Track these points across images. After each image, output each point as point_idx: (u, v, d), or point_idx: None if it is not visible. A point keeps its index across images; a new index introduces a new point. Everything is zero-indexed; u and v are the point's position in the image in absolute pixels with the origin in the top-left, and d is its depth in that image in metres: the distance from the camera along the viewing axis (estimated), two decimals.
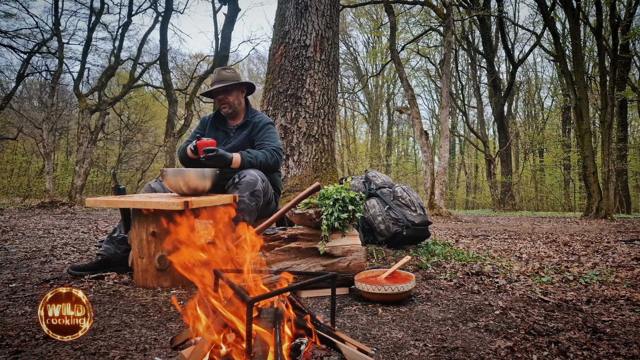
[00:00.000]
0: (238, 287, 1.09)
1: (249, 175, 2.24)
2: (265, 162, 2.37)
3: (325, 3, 3.75)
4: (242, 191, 2.20)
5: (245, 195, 2.19)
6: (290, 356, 1.03)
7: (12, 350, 1.29)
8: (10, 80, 13.74)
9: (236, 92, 2.56)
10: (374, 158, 22.60)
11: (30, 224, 4.94)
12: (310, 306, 1.80)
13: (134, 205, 1.95)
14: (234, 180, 2.25)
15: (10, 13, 11.50)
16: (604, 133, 9.93)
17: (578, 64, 9.40)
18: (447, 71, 10.02)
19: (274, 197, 2.54)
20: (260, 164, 2.36)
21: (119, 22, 12.79)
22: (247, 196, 2.19)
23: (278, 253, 1.95)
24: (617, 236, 4.88)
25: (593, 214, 8.73)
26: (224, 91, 2.53)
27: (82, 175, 10.02)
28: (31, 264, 2.58)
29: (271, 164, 2.40)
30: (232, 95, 2.54)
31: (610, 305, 1.87)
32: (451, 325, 1.58)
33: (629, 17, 11.49)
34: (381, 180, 3.33)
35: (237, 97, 2.57)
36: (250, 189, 2.21)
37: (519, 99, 21.28)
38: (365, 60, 22.61)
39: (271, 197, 2.48)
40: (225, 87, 2.51)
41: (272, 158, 2.41)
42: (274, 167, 2.45)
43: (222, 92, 2.53)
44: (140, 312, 1.68)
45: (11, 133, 14.78)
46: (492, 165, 16.12)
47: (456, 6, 14.31)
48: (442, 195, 9.13)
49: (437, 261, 2.76)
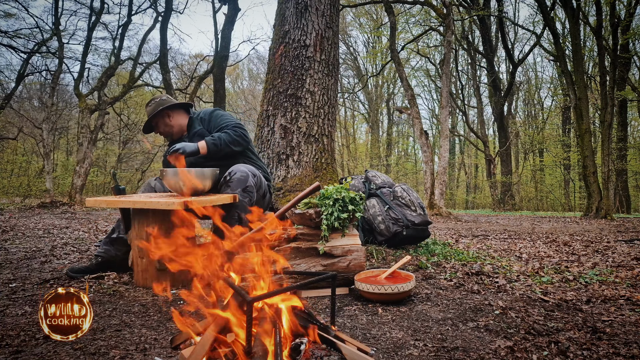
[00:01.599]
0: (238, 287, 1.09)
1: (239, 172, 2.25)
2: (229, 139, 2.34)
3: (325, 3, 3.75)
4: (234, 188, 2.22)
5: (237, 192, 2.21)
6: (290, 356, 1.03)
7: (12, 350, 1.29)
8: (10, 80, 13.75)
9: (161, 121, 2.52)
10: (374, 158, 22.60)
11: (30, 224, 4.94)
12: (310, 306, 1.80)
13: (134, 205, 1.95)
14: (225, 178, 2.26)
15: (10, 13, 11.50)
16: (603, 133, 9.93)
17: (578, 64, 9.40)
18: (447, 71, 10.02)
19: (267, 189, 2.54)
20: (226, 143, 2.33)
21: (118, 21, 12.80)
22: (239, 193, 2.21)
23: (277, 253, 1.95)
24: (617, 236, 4.88)
25: (593, 214, 8.73)
26: (150, 128, 2.56)
27: (82, 175, 10.02)
28: (31, 263, 2.58)
29: (237, 139, 2.36)
30: (159, 126, 2.54)
31: (610, 305, 1.87)
32: (451, 325, 1.58)
33: (629, 17, 11.49)
34: (381, 180, 3.33)
35: (165, 124, 2.52)
36: (242, 186, 2.22)
37: (519, 99, 21.29)
38: (365, 60, 22.61)
39: (265, 189, 2.47)
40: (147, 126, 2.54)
41: (235, 133, 2.37)
42: (242, 142, 2.40)
43: (150, 130, 2.58)
44: (140, 312, 1.68)
45: (11, 133, 14.78)
46: (492, 165, 16.12)
47: (456, 6, 14.30)
48: (442, 195, 9.13)
49: (437, 261, 2.76)
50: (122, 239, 2.30)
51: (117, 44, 12.19)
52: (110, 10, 12.73)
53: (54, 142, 16.86)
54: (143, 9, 13.05)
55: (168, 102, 2.51)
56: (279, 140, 3.50)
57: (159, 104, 2.49)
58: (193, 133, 2.51)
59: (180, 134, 2.57)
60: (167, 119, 2.52)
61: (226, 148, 2.34)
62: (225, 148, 2.34)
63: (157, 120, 2.51)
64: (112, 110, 14.69)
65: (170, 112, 2.52)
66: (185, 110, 2.60)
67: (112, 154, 20.42)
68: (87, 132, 10.43)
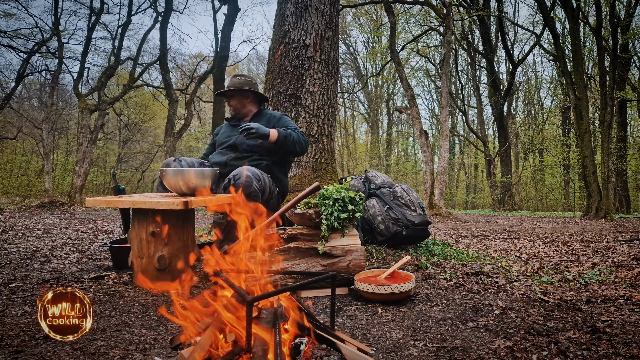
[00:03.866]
0: (238, 287, 1.09)
1: (243, 177, 2.22)
2: (297, 139, 2.46)
3: (325, 3, 3.75)
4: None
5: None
6: (290, 356, 1.03)
7: (12, 350, 1.29)
8: (10, 80, 13.74)
9: (239, 97, 2.68)
10: (373, 158, 22.60)
11: (29, 224, 4.93)
12: (310, 306, 1.80)
13: (133, 205, 1.95)
14: (230, 180, 2.23)
15: (9, 13, 11.50)
16: (603, 133, 9.93)
17: (578, 64, 9.41)
18: (447, 71, 10.02)
19: (276, 195, 2.55)
20: (293, 141, 2.44)
21: (118, 21, 12.80)
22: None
23: (277, 253, 1.95)
24: (617, 236, 4.88)
25: (593, 214, 8.73)
26: (229, 95, 2.70)
27: (82, 175, 10.01)
28: (31, 263, 2.58)
29: (302, 143, 2.49)
30: (234, 99, 2.68)
31: (609, 305, 1.87)
32: (451, 325, 1.58)
33: (629, 17, 11.49)
34: (381, 180, 3.33)
35: (239, 101, 2.68)
36: (246, 191, 2.20)
37: (519, 99, 21.29)
38: (365, 60, 22.61)
39: (271, 194, 2.47)
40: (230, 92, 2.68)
41: (303, 138, 2.50)
42: (305, 147, 2.52)
43: (227, 96, 2.72)
44: (140, 312, 1.68)
45: (11, 133, 14.78)
46: (491, 165, 16.12)
47: (456, 6, 14.30)
48: (441, 195, 9.13)
49: (436, 261, 2.76)
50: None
51: (117, 44, 12.19)
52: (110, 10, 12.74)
53: (54, 142, 16.86)
54: (143, 9, 13.06)
55: (255, 87, 2.69)
56: None
57: (249, 83, 2.67)
58: (254, 116, 2.69)
59: (243, 117, 2.71)
60: (245, 99, 2.68)
61: (291, 146, 2.45)
62: (291, 146, 2.45)
63: (238, 95, 2.65)
64: (112, 110, 14.69)
65: (252, 95, 2.69)
66: (260, 102, 2.78)
67: (111, 153, 20.42)
68: (86, 132, 10.43)
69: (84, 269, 2.41)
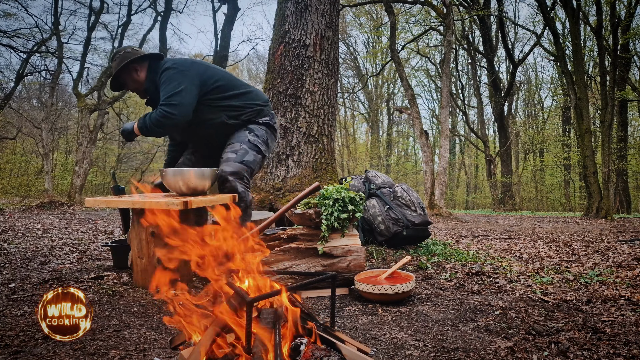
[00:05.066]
0: (237, 287, 1.08)
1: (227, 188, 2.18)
2: (151, 122, 2.10)
3: (325, 2, 3.75)
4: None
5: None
6: (289, 356, 1.03)
7: (12, 351, 1.29)
8: (9, 80, 13.74)
9: (128, 76, 2.24)
10: (374, 158, 22.60)
11: (29, 224, 4.93)
12: (310, 306, 1.79)
13: (133, 205, 1.95)
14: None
15: (9, 13, 11.50)
16: (604, 133, 9.93)
17: (578, 64, 9.40)
18: (447, 71, 10.01)
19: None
20: (151, 126, 2.11)
21: (118, 21, 12.80)
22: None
23: (278, 253, 1.95)
24: (617, 236, 4.88)
25: (593, 214, 8.73)
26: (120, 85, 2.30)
27: (82, 175, 10.01)
28: (30, 264, 2.57)
29: (160, 120, 2.08)
30: (127, 83, 2.27)
31: (610, 306, 1.87)
32: (451, 326, 1.57)
33: (629, 17, 11.49)
34: (381, 180, 3.33)
35: (133, 80, 2.25)
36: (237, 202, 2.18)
37: (519, 99, 21.28)
38: (365, 60, 22.60)
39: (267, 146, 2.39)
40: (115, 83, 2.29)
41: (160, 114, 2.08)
42: (166, 123, 2.09)
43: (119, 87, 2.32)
44: (140, 312, 1.68)
45: (10, 133, 14.78)
46: (492, 165, 16.12)
47: (456, 6, 14.30)
48: (442, 195, 9.12)
49: (437, 261, 2.76)
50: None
51: (117, 44, 12.19)
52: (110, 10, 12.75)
53: (53, 142, 16.86)
54: (143, 9, 13.06)
55: (134, 54, 2.20)
56: (278, 140, 3.50)
57: (124, 57, 2.19)
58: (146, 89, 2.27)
59: (143, 93, 2.32)
60: (134, 74, 2.24)
61: (154, 130, 2.12)
62: (153, 130, 2.12)
63: (124, 77, 2.25)
64: (112, 110, 14.68)
65: (137, 65, 2.23)
66: (149, 60, 2.28)
67: (111, 153, 20.42)
68: (86, 132, 10.43)
69: (83, 269, 2.41)
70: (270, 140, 2.41)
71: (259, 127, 2.34)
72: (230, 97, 2.27)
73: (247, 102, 2.32)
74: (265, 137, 2.36)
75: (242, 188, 2.20)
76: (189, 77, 2.14)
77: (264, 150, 2.35)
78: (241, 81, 2.43)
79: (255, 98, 2.36)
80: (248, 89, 2.38)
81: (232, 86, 2.30)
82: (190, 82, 2.13)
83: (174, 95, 2.09)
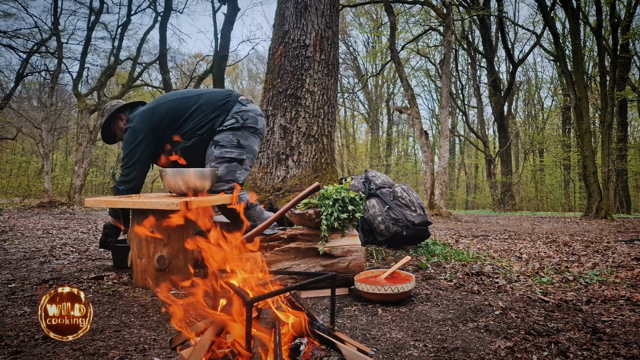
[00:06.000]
0: (237, 287, 1.08)
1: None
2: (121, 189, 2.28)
3: (325, 2, 3.75)
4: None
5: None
6: (289, 356, 1.03)
7: (12, 351, 1.29)
8: (9, 80, 13.75)
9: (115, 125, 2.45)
10: (373, 158, 22.61)
11: (29, 224, 4.93)
12: (310, 306, 1.79)
13: (133, 205, 1.95)
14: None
15: (9, 13, 11.50)
16: (604, 133, 9.93)
17: (578, 64, 9.40)
18: (447, 71, 10.01)
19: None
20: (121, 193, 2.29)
21: (118, 21, 12.81)
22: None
23: (277, 253, 1.95)
24: (617, 236, 4.88)
25: (593, 214, 8.73)
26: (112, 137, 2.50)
27: (81, 175, 10.01)
28: (30, 264, 2.57)
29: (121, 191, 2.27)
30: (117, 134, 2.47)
31: (610, 306, 1.87)
32: (451, 326, 1.57)
33: (629, 17, 11.49)
34: (381, 180, 3.33)
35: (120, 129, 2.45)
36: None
37: (519, 99, 21.29)
38: (365, 60, 22.61)
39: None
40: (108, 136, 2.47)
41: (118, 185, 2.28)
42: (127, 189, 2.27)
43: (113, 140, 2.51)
44: (140, 313, 1.68)
45: (10, 133, 14.77)
46: (492, 165, 16.12)
47: (456, 6, 14.30)
48: (442, 195, 9.12)
49: (437, 261, 2.76)
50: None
51: (117, 44, 12.19)
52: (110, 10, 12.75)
53: (53, 142, 16.86)
54: (142, 9, 13.06)
55: (118, 105, 2.42)
56: (278, 140, 3.50)
57: (110, 109, 2.41)
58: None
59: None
60: (120, 123, 2.43)
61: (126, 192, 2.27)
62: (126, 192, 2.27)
63: (113, 127, 2.45)
64: None
65: (122, 115, 2.43)
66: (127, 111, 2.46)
67: (111, 153, 20.43)
68: (86, 132, 10.42)
69: (83, 270, 2.41)
70: (244, 139, 2.34)
71: (223, 135, 2.32)
72: (180, 125, 2.32)
73: (199, 119, 2.32)
74: (235, 141, 2.32)
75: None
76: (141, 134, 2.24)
77: (238, 155, 2.32)
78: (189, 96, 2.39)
79: (206, 109, 2.33)
80: (197, 103, 2.34)
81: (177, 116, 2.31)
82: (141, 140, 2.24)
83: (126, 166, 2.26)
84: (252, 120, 2.39)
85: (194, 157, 2.35)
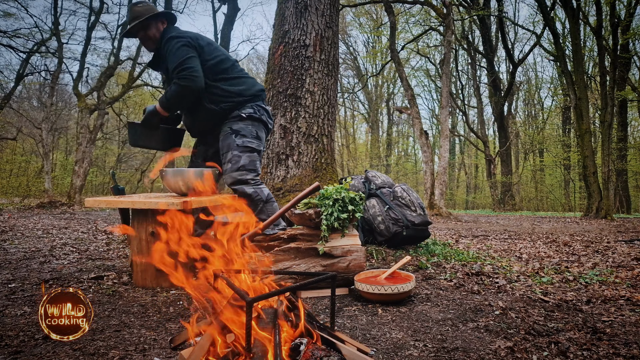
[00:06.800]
0: (237, 287, 1.08)
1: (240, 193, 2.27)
2: (173, 94, 2.15)
3: (325, 2, 3.75)
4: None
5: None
6: (289, 356, 1.03)
7: (12, 351, 1.29)
8: (9, 80, 13.74)
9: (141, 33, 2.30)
10: (373, 158, 22.60)
11: (29, 224, 4.93)
12: (310, 306, 1.79)
13: (133, 205, 1.95)
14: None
15: (9, 13, 11.50)
16: (604, 133, 9.93)
17: (578, 64, 9.40)
18: (447, 71, 10.01)
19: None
20: (173, 99, 2.17)
21: (118, 21, 12.81)
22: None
23: (277, 253, 1.95)
24: (617, 236, 4.88)
25: (593, 214, 8.73)
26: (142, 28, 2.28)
27: (81, 175, 10.01)
28: (30, 264, 2.57)
29: (182, 88, 2.13)
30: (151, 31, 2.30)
31: (610, 306, 1.87)
32: (451, 326, 1.57)
33: (629, 17, 11.49)
34: (381, 180, 3.33)
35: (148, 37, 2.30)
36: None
37: (519, 99, 21.28)
38: (365, 60, 22.60)
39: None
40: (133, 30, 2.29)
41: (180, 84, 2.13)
42: (188, 89, 2.13)
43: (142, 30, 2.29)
44: (140, 313, 1.68)
45: (10, 133, 14.77)
46: (492, 165, 16.11)
47: (456, 6, 14.29)
48: (442, 195, 9.12)
49: (437, 261, 2.76)
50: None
51: (117, 44, 12.18)
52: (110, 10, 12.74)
53: (53, 142, 16.86)
54: None
55: (149, 12, 2.27)
56: (278, 140, 3.50)
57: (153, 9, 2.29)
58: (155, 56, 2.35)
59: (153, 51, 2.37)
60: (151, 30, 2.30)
61: (175, 102, 2.17)
62: (174, 103, 2.17)
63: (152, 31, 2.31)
64: (112, 110, 14.68)
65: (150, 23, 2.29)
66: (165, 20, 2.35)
67: (111, 153, 20.41)
68: (86, 132, 10.42)
69: (83, 269, 2.41)
70: (260, 132, 2.38)
71: (243, 125, 2.31)
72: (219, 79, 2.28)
73: (231, 90, 2.31)
74: (254, 132, 2.34)
75: (251, 190, 2.26)
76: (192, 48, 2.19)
77: (257, 146, 2.35)
78: (239, 68, 2.41)
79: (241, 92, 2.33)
80: (241, 76, 2.37)
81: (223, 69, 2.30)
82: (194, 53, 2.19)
83: (182, 64, 2.14)
84: (267, 116, 2.44)
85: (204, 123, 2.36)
